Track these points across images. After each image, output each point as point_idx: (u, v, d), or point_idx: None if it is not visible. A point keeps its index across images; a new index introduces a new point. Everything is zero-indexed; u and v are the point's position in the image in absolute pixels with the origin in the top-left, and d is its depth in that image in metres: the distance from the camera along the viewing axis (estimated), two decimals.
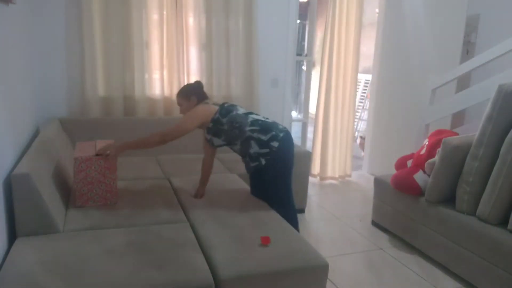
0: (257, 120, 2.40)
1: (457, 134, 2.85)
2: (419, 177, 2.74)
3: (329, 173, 4.33)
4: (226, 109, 2.44)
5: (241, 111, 2.46)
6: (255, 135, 2.35)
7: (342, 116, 4.28)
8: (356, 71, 4.24)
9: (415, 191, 2.74)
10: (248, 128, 2.36)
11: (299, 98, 8.03)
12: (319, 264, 1.77)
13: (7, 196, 1.87)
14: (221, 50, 3.55)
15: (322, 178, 4.31)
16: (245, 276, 1.65)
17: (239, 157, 2.81)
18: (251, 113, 2.48)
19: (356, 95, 4.42)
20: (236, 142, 2.41)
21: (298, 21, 4.02)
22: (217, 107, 2.46)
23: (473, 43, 3.99)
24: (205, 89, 3.53)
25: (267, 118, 2.47)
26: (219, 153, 3.50)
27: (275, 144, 2.33)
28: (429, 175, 2.71)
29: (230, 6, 3.50)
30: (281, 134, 2.36)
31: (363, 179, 4.47)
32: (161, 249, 1.77)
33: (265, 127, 2.37)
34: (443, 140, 2.54)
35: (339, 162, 4.37)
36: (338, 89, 4.18)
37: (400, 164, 3.07)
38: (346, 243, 2.93)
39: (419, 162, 2.82)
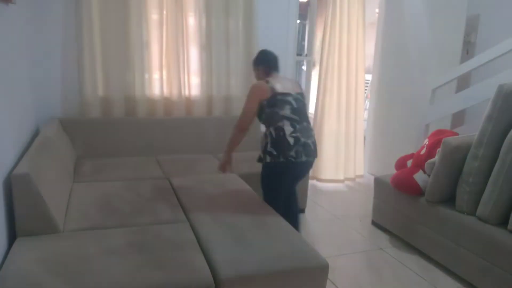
0: (282, 131, 2.31)
1: (457, 134, 2.85)
2: (419, 177, 2.74)
3: (327, 175, 4.27)
4: (274, 101, 2.35)
5: (284, 112, 2.34)
6: (273, 134, 2.34)
7: (339, 117, 4.21)
8: (362, 71, 4.19)
9: (415, 191, 2.74)
10: (271, 129, 2.34)
11: None
12: (319, 264, 1.77)
13: (7, 196, 1.87)
14: (221, 50, 3.55)
15: (318, 180, 4.28)
16: (245, 276, 1.64)
17: (239, 158, 2.81)
18: (290, 119, 2.33)
19: (364, 95, 4.33)
20: (266, 127, 2.40)
21: (298, 21, 4.02)
22: (269, 94, 2.35)
23: (473, 43, 3.99)
24: (205, 88, 3.60)
25: (297, 132, 2.33)
26: (219, 153, 3.52)
27: (268, 158, 2.35)
28: (429, 175, 2.71)
29: (230, 6, 3.50)
30: (282, 159, 2.30)
31: (363, 179, 4.47)
32: (161, 249, 1.77)
33: (279, 143, 2.32)
34: (443, 140, 2.54)
35: (346, 165, 4.30)
36: (338, 90, 4.15)
37: (400, 164, 3.07)
38: (346, 243, 2.93)
39: (419, 162, 2.82)
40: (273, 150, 2.33)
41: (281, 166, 2.34)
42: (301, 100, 2.45)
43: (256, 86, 2.42)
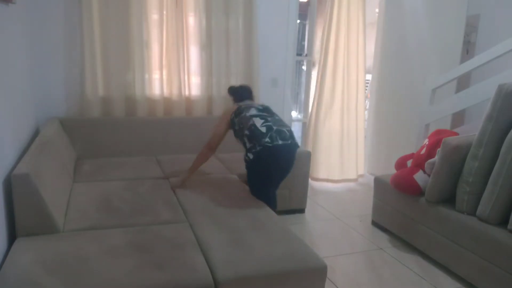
0: (253, 125, 2.46)
1: (457, 134, 2.85)
2: (419, 177, 2.74)
3: (321, 175, 4.25)
4: (240, 110, 2.57)
5: (250, 112, 2.53)
6: (245, 139, 2.46)
7: (338, 117, 4.18)
8: (363, 71, 4.18)
9: (415, 191, 2.74)
10: (245, 132, 2.46)
11: (299, 98, 8.03)
12: (318, 266, 1.77)
13: (7, 196, 1.87)
14: (221, 50, 3.55)
15: (313, 179, 4.26)
16: (243, 277, 1.64)
17: (239, 157, 2.84)
18: (258, 115, 2.52)
19: (364, 95, 4.32)
20: (243, 143, 2.52)
21: (298, 21, 4.02)
22: (235, 108, 2.62)
23: (473, 43, 3.99)
24: (205, 88, 3.60)
25: (269, 122, 2.48)
26: (219, 153, 3.52)
27: (250, 156, 2.43)
28: (429, 175, 2.71)
29: (230, 6, 3.50)
30: (258, 148, 2.38)
31: (363, 179, 4.47)
32: (161, 249, 1.77)
33: (253, 135, 2.44)
34: (443, 140, 2.54)
35: (347, 165, 4.28)
36: (337, 90, 4.15)
37: (400, 164, 3.07)
38: (346, 243, 2.93)
39: (419, 162, 2.82)
40: (250, 145, 2.43)
41: (260, 155, 2.39)
42: (266, 106, 2.65)
43: (224, 110, 2.73)
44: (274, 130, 2.44)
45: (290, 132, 2.52)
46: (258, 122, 2.46)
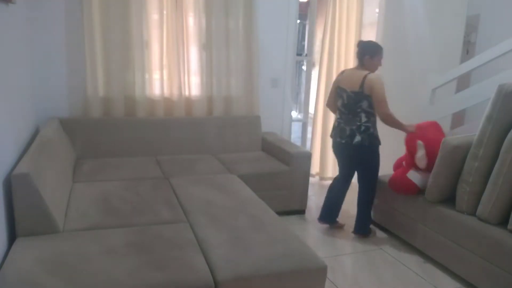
0: (336, 116, 3.01)
1: (437, 123, 2.90)
2: (413, 175, 2.74)
3: (329, 173, 4.30)
4: (336, 83, 2.99)
5: (338, 102, 2.94)
6: None
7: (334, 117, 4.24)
8: None
9: (413, 190, 2.74)
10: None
11: (299, 98, 8.03)
12: (317, 266, 1.77)
13: (7, 196, 1.87)
14: (221, 50, 3.55)
15: (322, 178, 4.31)
16: (243, 277, 1.64)
17: (239, 158, 2.84)
18: (338, 110, 2.96)
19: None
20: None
21: (298, 21, 4.02)
22: (335, 85, 3.03)
23: (473, 43, 3.99)
24: (205, 88, 3.60)
25: (339, 120, 2.94)
26: (219, 153, 3.53)
27: None
28: (423, 170, 2.71)
29: (230, 6, 3.50)
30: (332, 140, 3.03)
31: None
32: (161, 249, 1.77)
33: (333, 126, 3.04)
34: (443, 140, 2.54)
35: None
36: None
37: (398, 165, 3.08)
38: (346, 243, 2.93)
39: (408, 161, 2.85)
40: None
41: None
42: (352, 100, 2.81)
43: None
44: (339, 128, 2.91)
45: (351, 131, 2.83)
46: (336, 116, 2.97)
